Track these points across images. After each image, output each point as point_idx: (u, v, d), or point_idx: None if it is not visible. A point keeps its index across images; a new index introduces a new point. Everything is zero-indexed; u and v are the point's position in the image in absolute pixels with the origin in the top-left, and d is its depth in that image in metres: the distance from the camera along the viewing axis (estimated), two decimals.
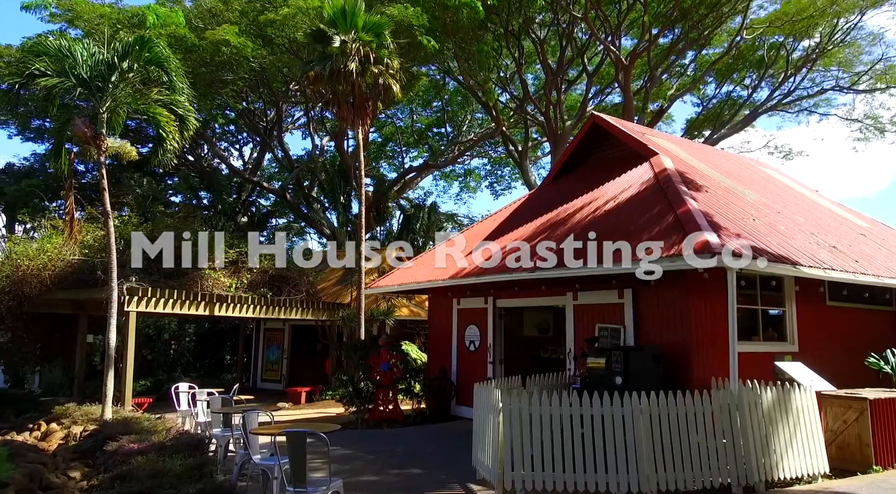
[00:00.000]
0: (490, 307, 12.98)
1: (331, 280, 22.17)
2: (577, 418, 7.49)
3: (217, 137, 37.00)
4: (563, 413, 7.48)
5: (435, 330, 14.58)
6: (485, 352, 13.00)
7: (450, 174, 38.34)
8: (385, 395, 13.37)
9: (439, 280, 12.52)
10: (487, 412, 8.01)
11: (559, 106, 25.95)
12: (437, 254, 14.65)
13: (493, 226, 14.17)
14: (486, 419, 8.08)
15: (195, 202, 30.40)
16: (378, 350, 13.46)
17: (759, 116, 28.35)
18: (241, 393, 21.80)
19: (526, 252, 11.19)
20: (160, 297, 14.87)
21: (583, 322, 10.97)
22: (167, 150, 13.83)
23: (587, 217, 11.28)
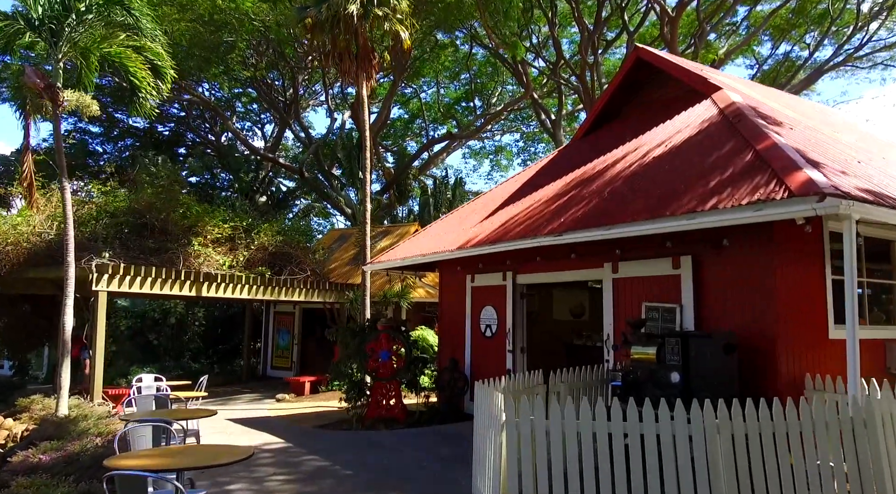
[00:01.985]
0: (509, 284, 10.41)
1: (343, 259, 19.89)
2: (618, 437, 4.90)
3: (240, 117, 35.25)
4: (598, 431, 4.91)
5: (445, 312, 12.09)
6: (503, 339, 10.45)
7: (479, 152, 35.70)
8: (384, 389, 10.97)
9: (447, 251, 10.01)
10: (488, 425, 5.51)
11: (596, 68, 22.97)
12: (448, 223, 12.14)
13: (513, 188, 11.55)
14: (485, 434, 5.59)
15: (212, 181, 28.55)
16: (376, 335, 11.06)
17: (822, 76, 24.76)
18: (252, 380, 19.92)
19: (552, 213, 8.61)
20: (136, 275, 12.75)
21: (625, 300, 8.32)
22: (142, 102, 11.62)
23: (630, 167, 8.59)
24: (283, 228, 17.11)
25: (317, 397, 15.46)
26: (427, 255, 10.54)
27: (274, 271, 16.01)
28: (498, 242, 8.92)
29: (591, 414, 4.89)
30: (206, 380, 10.61)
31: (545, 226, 8.26)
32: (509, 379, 6.79)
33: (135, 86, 11.34)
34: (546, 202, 9.31)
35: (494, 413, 5.21)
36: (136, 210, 14.29)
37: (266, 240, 16.14)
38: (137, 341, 21.42)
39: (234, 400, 15.44)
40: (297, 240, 16.89)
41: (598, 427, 4.87)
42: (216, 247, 15.41)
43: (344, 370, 12.16)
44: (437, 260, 10.51)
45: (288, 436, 10.00)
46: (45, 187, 13.95)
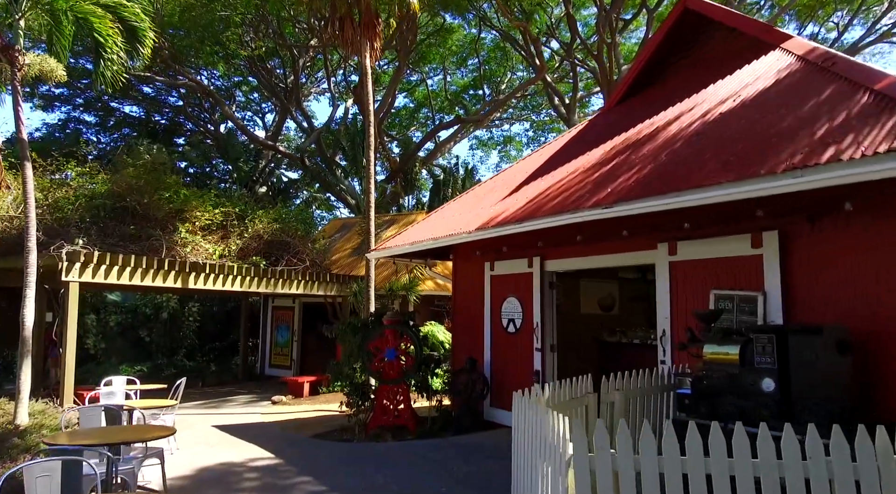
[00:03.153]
0: (536, 271, 8.82)
1: (345, 249, 18.31)
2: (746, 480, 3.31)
3: (240, 106, 33.71)
4: (716, 469, 3.31)
5: (460, 305, 10.50)
6: (529, 335, 8.86)
7: (487, 142, 34.07)
8: (391, 393, 9.38)
9: (464, 233, 8.41)
10: (539, 454, 3.93)
11: (614, 48, 21.31)
12: (464, 203, 10.54)
13: (538, 162, 9.95)
14: (534, 467, 4.00)
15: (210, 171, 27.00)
16: (381, 331, 9.47)
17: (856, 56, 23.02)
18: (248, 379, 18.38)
19: (594, 184, 7.02)
20: (112, 264, 11.18)
21: (685, 288, 6.72)
22: (106, 64, 10.03)
23: (690, 126, 6.99)
24: (280, 215, 15.51)
25: (316, 399, 13.91)
26: (440, 239, 8.94)
27: (270, 262, 14.45)
28: (526, 220, 7.32)
29: (699, 447, 3.29)
30: (185, 384, 9.08)
31: (587, 199, 6.66)
32: (553, 387, 5.20)
33: (99, 44, 9.72)
34: (585, 172, 7.71)
35: (552, 440, 3.63)
36: (115, 193, 12.72)
37: (261, 228, 14.58)
38: (128, 337, 19.90)
39: (228, 402, 13.89)
40: (296, 229, 15.32)
41: (715, 464, 3.27)
42: (206, 234, 13.86)
43: (345, 371, 10.60)
44: (452, 244, 8.93)
45: (280, 449, 8.44)
46: (14, 167, 12.40)
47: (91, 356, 19.57)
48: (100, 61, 10.00)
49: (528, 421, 4.39)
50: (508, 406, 9.24)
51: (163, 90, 30.55)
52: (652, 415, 5.95)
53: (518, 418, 4.70)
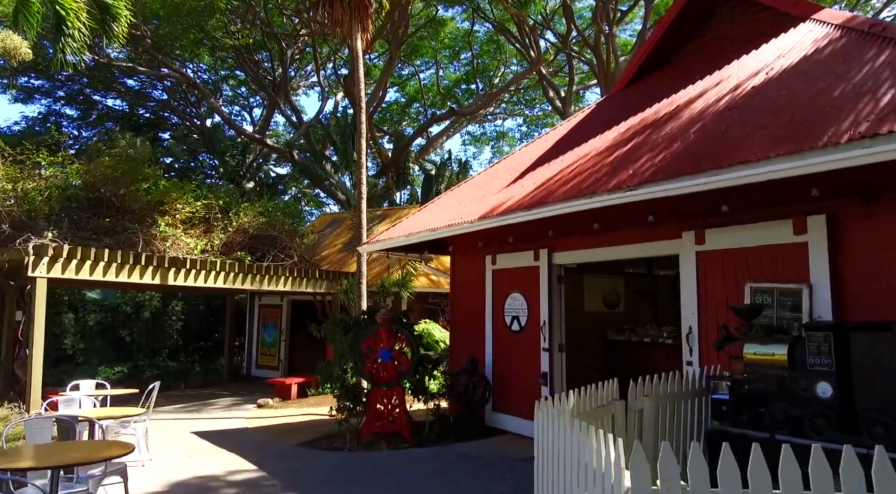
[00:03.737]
0: (543, 264, 8.07)
1: (335, 245, 17.50)
2: None
3: (228, 101, 32.76)
4: None
5: (459, 302, 9.73)
6: (536, 334, 8.11)
7: (480, 138, 33.34)
8: (385, 397, 8.61)
9: (465, 223, 7.65)
10: (572, 483, 3.17)
11: (611, 40, 20.63)
12: (463, 192, 9.79)
13: (543, 149, 9.21)
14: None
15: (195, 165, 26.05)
16: (374, 330, 8.69)
17: None
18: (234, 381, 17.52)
19: (611, 166, 6.29)
20: (83, 259, 10.31)
21: (715, 280, 5.99)
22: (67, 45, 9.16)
23: (718, 102, 6.28)
24: (266, 208, 14.66)
25: (305, 402, 13.09)
26: (439, 230, 8.18)
27: (255, 257, 13.61)
28: (536, 207, 6.57)
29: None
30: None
31: (605, 182, 5.93)
32: (579, 394, 4.44)
33: (60, 17, 8.85)
34: (599, 155, 6.97)
35: (597, 465, 2.87)
36: (89, 183, 11.83)
37: (246, 222, 13.72)
38: (108, 337, 18.97)
39: (210, 405, 13.05)
40: (283, 222, 14.47)
41: None
42: (187, 228, 12.99)
43: (336, 372, 9.81)
44: (451, 235, 8.17)
45: (264, 459, 7.63)
46: None
47: (69, 356, 18.63)
48: (60, 38, 9.13)
49: (556, 438, 3.65)
50: (512, 410, 8.52)
51: (147, 83, 29.56)
52: (684, 424, 5.22)
53: (543, 434, 3.95)
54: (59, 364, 18.21)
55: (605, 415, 4.70)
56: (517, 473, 6.49)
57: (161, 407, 12.46)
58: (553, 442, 3.88)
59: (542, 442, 3.94)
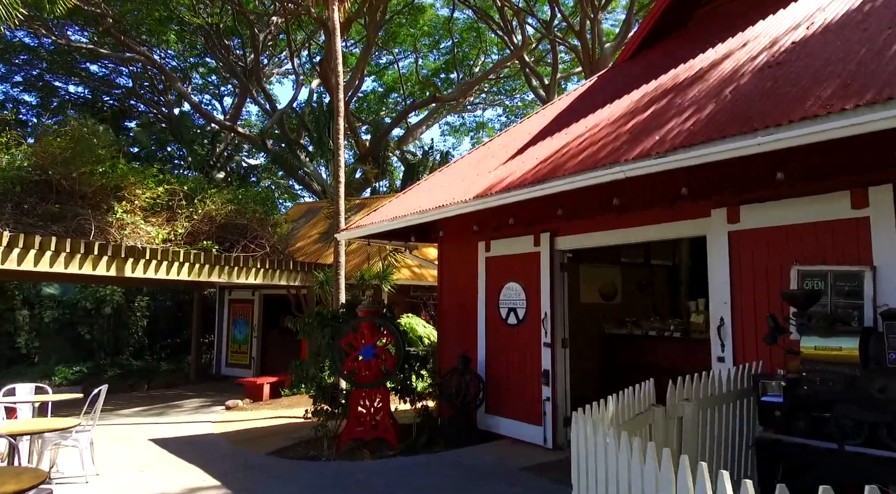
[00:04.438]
0: (545, 250, 7.19)
1: (311, 236, 16.43)
2: None
3: (197, 89, 31.29)
4: None
5: (449, 293, 8.80)
6: (536, 327, 7.23)
7: (459, 128, 32.44)
8: (368, 400, 7.65)
9: (458, 203, 6.72)
10: None
11: (596, 24, 19.85)
12: (453, 172, 8.86)
13: (541, 124, 8.33)
14: None
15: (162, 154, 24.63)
16: (355, 325, 7.72)
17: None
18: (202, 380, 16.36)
19: (631, 134, 5.43)
20: (27, 248, 9.13)
21: (753, 264, 5.16)
22: None
23: (754, 60, 5.45)
24: (235, 196, 13.54)
25: (278, 403, 12.05)
26: (427, 212, 7.23)
27: (224, 247, 12.51)
28: (542, 183, 5.68)
29: None
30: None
31: (627, 150, 5.06)
32: (617, 400, 3.56)
33: None
34: (612, 124, 6.10)
35: None
36: (37, 165, 10.61)
37: (213, 210, 12.60)
38: (66, 335, 17.63)
39: (175, 407, 11.93)
40: (254, 210, 13.37)
41: None
42: (148, 216, 11.83)
43: (311, 371, 8.82)
44: (442, 218, 7.23)
45: (229, 473, 6.62)
46: None
47: (23, 356, 17.26)
48: None
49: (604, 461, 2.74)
50: (509, 412, 7.63)
51: (112, 69, 28.00)
52: (727, 431, 4.38)
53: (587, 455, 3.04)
54: (12, 364, 16.85)
55: (645, 425, 3.84)
56: (521, 486, 5.60)
57: (120, 410, 11.32)
58: (591, 463, 2.99)
59: (584, 468, 3.03)
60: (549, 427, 6.89)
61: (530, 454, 6.71)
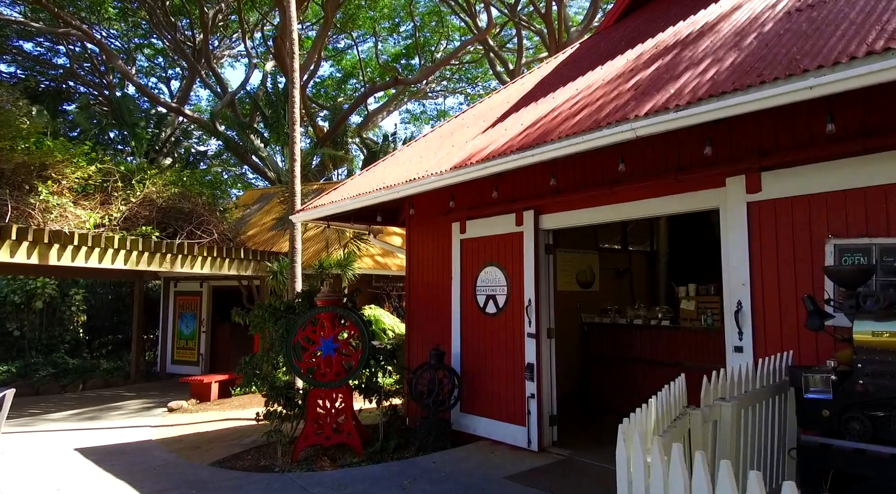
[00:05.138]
0: (529, 229, 6.38)
1: (265, 223, 15.27)
2: None
3: (142, 72, 29.39)
4: None
5: (418, 280, 7.90)
6: (518, 316, 6.42)
7: (420, 116, 31.48)
8: (328, 400, 6.71)
9: (433, 176, 5.84)
10: None
11: (562, 7, 19.21)
12: (422, 145, 7.97)
13: (521, 92, 7.52)
14: None
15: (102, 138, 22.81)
16: (313, 316, 6.76)
17: None
18: (145, 379, 15.02)
19: (635, 91, 4.66)
20: None
21: (777, 238, 4.45)
22: None
23: (773, 7, 4.74)
24: (179, 177, 12.29)
25: (228, 403, 10.97)
26: (397, 188, 6.32)
27: (166, 234, 11.29)
28: (533, 148, 4.85)
29: None
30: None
31: (636, 107, 4.28)
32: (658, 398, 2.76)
33: None
34: (610, 83, 5.32)
35: None
36: None
37: (154, 192, 11.35)
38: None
39: (112, 410, 10.70)
40: (199, 193, 12.16)
41: None
42: (79, 198, 10.52)
43: (265, 368, 7.80)
44: (413, 193, 6.32)
45: (163, 492, 5.60)
46: None
47: None
48: None
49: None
50: (487, 411, 6.81)
51: (48, 48, 25.93)
52: (763, 434, 3.66)
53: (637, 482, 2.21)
54: None
55: (684, 432, 3.06)
56: None
57: (49, 415, 10.05)
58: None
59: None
60: (535, 428, 6.10)
61: (514, 458, 5.91)
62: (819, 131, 4.22)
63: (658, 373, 7.37)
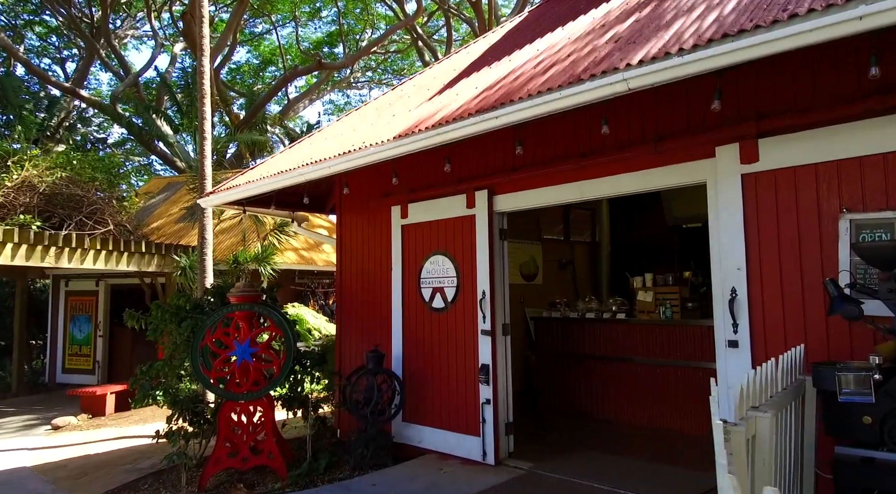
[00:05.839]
0: (482, 212, 5.55)
1: (172, 214, 13.69)
2: None
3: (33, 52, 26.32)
4: None
5: (352, 273, 6.91)
6: (470, 311, 5.59)
7: (344, 107, 30.10)
8: (244, 415, 5.62)
9: (373, 147, 4.90)
10: None
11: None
12: (356, 118, 6.98)
13: (473, 56, 6.70)
14: None
15: None
16: (225, 315, 5.64)
17: None
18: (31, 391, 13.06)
19: (614, 44, 3.96)
20: None
21: (780, 215, 3.84)
22: None
23: None
24: (66, 160, 10.61)
25: (126, 418, 9.52)
26: (327, 162, 5.32)
27: (50, 224, 9.65)
28: (497, 109, 4.03)
29: None
30: None
31: (621, 58, 3.56)
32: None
33: None
34: (579, 40, 4.60)
35: None
36: None
37: (36, 175, 9.67)
38: None
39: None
40: (92, 179, 10.54)
41: None
42: None
43: (166, 375, 6.56)
44: (346, 169, 5.33)
45: None
46: None
47: None
48: None
49: None
50: (433, 420, 5.89)
51: None
52: (787, 444, 3.00)
53: None
54: None
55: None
56: None
57: None
58: None
59: None
60: (490, 438, 5.29)
61: (468, 475, 5.08)
62: (826, 89, 3.65)
63: (614, 370, 6.78)
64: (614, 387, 6.76)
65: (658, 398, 6.35)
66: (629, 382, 6.60)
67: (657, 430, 6.23)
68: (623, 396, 6.64)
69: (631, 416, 6.55)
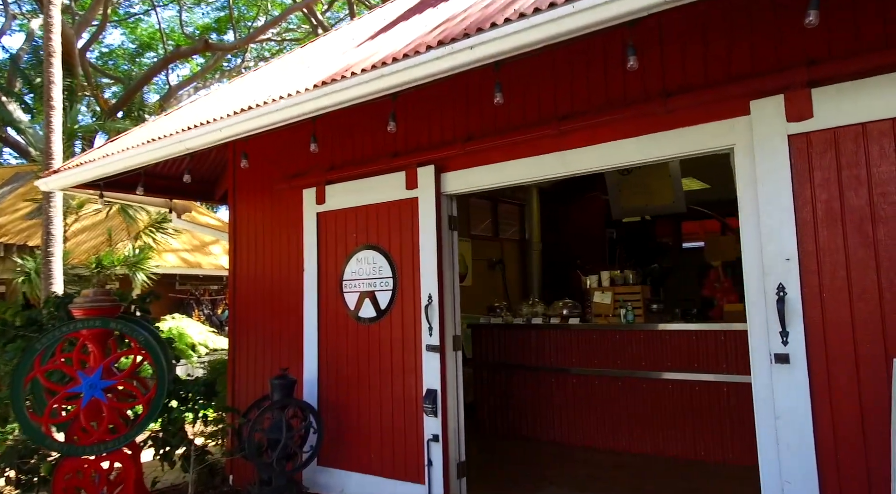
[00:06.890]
0: (426, 194, 4.26)
1: (19, 209, 11.18)
2: None
3: None
4: None
5: (250, 276, 5.34)
6: (411, 320, 4.28)
7: None
8: (95, 472, 3.93)
9: (280, 101, 3.47)
10: None
11: None
12: (260, 77, 5.48)
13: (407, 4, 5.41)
14: None
15: None
16: (66, 333, 3.93)
17: None
18: None
19: None
20: None
21: (839, 189, 2.89)
22: None
23: None
24: None
25: None
26: (220, 123, 3.83)
27: None
28: (468, 38, 2.80)
29: None
30: None
31: None
32: None
33: None
34: None
35: None
36: None
37: None
38: None
39: None
40: None
41: None
42: None
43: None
44: (247, 132, 3.85)
45: None
46: None
47: None
48: None
49: None
50: (358, 463, 4.29)
51: None
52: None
53: None
54: None
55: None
56: None
57: None
58: None
59: None
60: (439, 485, 4.02)
61: None
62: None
63: (571, 384, 5.74)
64: (571, 402, 5.73)
65: (633, 418, 5.38)
66: (596, 399, 5.58)
67: (635, 457, 5.25)
68: (592, 416, 5.61)
69: (600, 440, 5.53)
